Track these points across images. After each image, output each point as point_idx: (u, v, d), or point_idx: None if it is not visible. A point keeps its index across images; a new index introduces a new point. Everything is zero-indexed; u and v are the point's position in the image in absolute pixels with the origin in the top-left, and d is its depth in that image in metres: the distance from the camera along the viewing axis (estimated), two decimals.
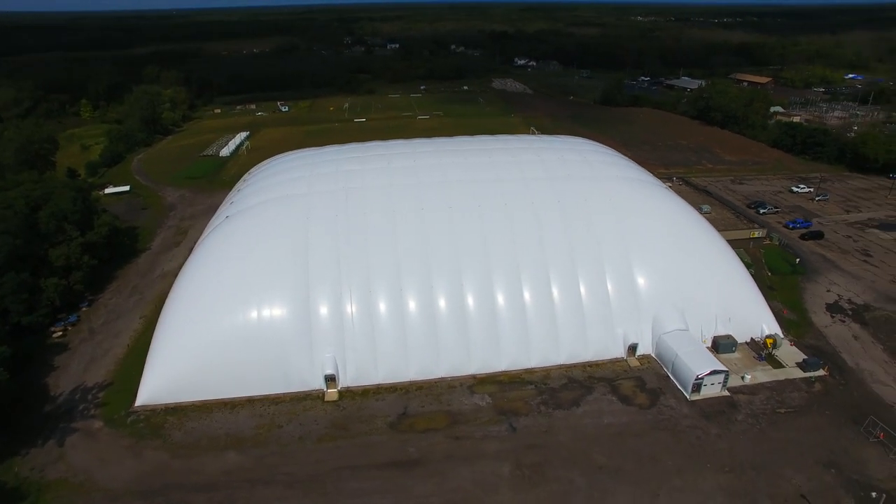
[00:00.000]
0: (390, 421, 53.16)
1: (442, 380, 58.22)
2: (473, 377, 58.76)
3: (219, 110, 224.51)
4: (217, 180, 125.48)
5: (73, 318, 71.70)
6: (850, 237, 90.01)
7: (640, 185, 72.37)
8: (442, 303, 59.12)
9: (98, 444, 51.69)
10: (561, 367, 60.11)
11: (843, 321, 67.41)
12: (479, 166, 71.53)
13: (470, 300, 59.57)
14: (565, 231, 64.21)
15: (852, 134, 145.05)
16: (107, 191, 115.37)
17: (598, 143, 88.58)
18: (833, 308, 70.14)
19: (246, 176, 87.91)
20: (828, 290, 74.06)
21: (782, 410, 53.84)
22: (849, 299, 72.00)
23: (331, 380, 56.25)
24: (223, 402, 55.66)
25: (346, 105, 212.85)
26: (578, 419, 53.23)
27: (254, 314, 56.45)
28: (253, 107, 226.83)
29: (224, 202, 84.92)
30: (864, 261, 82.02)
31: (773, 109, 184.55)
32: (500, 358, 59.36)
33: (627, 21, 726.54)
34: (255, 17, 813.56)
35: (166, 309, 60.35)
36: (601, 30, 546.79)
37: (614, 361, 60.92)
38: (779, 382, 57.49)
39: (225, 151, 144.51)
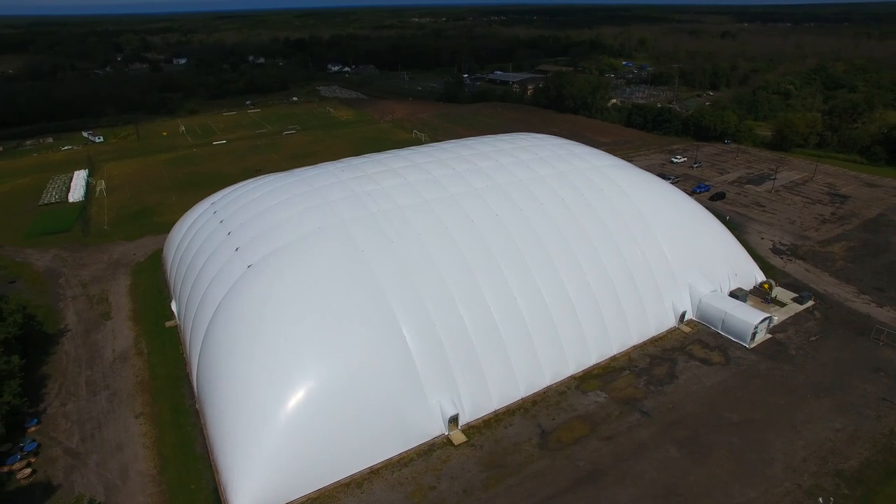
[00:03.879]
0: (537, 443, 50.69)
1: (549, 388, 57.15)
2: (573, 377, 58.86)
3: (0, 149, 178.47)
4: (95, 231, 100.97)
5: (31, 446, 52.52)
6: (739, 194, 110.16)
7: (629, 168, 79.17)
8: (527, 311, 57.71)
9: None
10: (635, 347, 63.51)
11: (791, 260, 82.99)
12: (494, 171, 70.66)
13: (549, 302, 59.24)
14: (598, 219, 67.54)
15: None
16: None
17: (558, 137, 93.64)
18: (776, 251, 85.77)
19: (196, 217, 73.13)
20: (762, 238, 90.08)
21: (813, 338, 64.86)
22: (780, 242, 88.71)
23: (452, 421, 51.23)
24: (342, 484, 46.83)
25: (182, 128, 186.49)
26: (686, 388, 57.21)
27: (350, 376, 48.23)
28: (50, 140, 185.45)
29: (175, 254, 70.66)
30: (763, 211, 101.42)
31: None
32: (589, 353, 60.40)
33: (408, 22, 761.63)
34: None
35: (221, 397, 48.24)
36: (394, 31, 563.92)
37: (671, 331, 66.42)
38: (792, 317, 68.82)
39: (76, 196, 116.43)
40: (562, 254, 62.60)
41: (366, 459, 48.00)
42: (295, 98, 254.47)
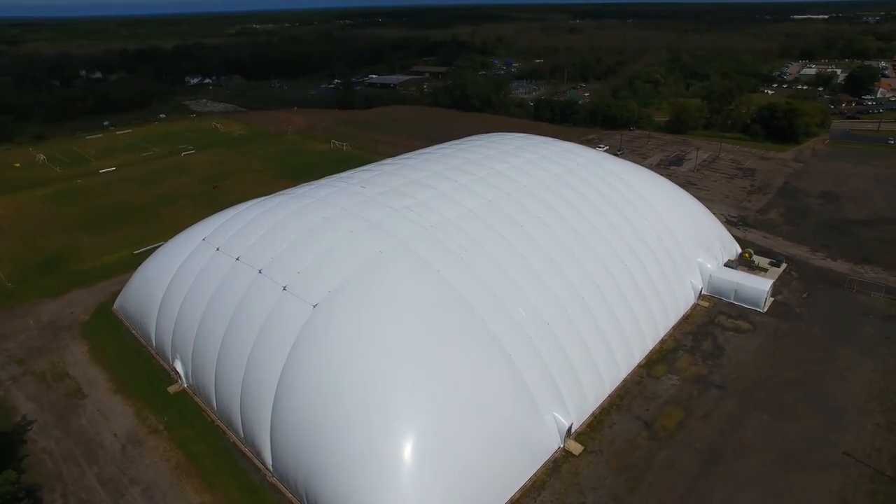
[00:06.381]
0: (647, 436, 51.21)
1: (626, 381, 57.97)
2: (639, 366, 60.38)
3: None
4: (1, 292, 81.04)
5: None
6: (669, 175, 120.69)
7: (617, 160, 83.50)
8: (594, 307, 58.00)
9: None
10: (674, 328, 66.92)
11: (747, 230, 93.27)
12: (513, 173, 69.76)
13: (607, 295, 60.11)
14: (618, 209, 70.18)
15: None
16: None
17: (536, 135, 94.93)
18: (731, 223, 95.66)
19: (184, 259, 61.86)
20: (713, 213, 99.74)
21: (804, 295, 73.60)
22: (729, 215, 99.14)
23: (567, 432, 49.80)
24: None
25: (42, 157, 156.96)
26: (737, 357, 61.55)
27: (476, 406, 44.68)
28: None
29: (162, 305, 60.59)
30: (698, 189, 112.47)
31: None
32: (645, 339, 62.38)
33: (250, 29, 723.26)
34: None
35: (330, 459, 41.85)
36: (243, 39, 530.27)
37: (694, 308, 71.02)
38: (778, 280, 77.25)
39: None
40: (602, 246, 63.89)
41: (504, 491, 44.76)
42: (163, 115, 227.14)
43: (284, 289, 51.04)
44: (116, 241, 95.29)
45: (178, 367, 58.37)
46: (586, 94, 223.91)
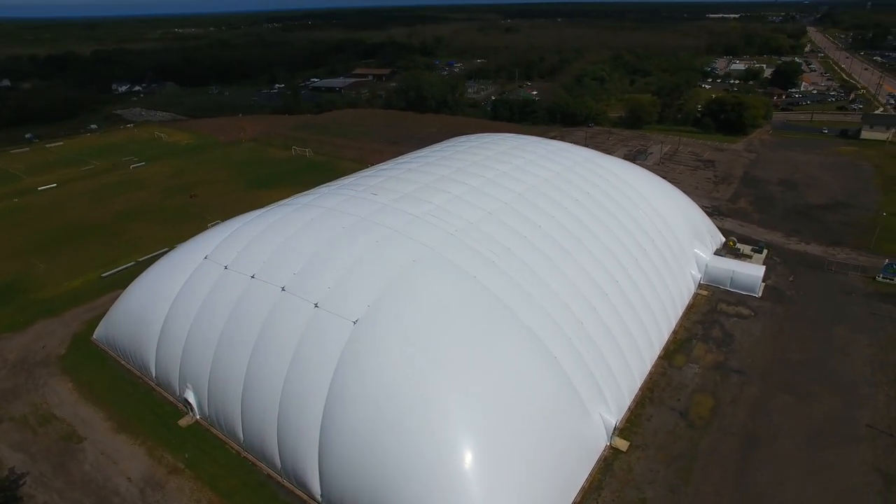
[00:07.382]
0: (685, 425, 52.34)
1: (651, 373, 59.07)
2: (660, 358, 61.69)
3: None
4: None
5: None
6: None
7: (607, 157, 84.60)
8: (616, 302, 58.76)
9: None
10: (683, 317, 68.91)
11: (722, 219, 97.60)
12: (518, 174, 69.60)
13: (626, 290, 61.08)
14: (620, 206, 71.43)
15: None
16: None
17: (522, 135, 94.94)
18: (707, 213, 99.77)
19: (186, 279, 57.15)
20: None
21: (791, 279, 77.83)
22: (703, 205, 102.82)
23: (613, 430, 50.04)
24: None
25: None
26: (746, 342, 64.02)
27: (540, 413, 44.36)
28: None
29: (163, 332, 54.78)
30: (669, 181, 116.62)
31: None
32: (662, 331, 63.83)
33: (172, 33, 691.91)
34: None
35: (393, 486, 39.99)
36: (166, 44, 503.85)
37: (696, 296, 73.48)
38: (764, 265, 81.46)
39: None
40: (613, 241, 64.88)
41: (567, 493, 44.35)
42: (94, 126, 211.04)
43: (316, 306, 48.19)
44: (80, 264, 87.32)
45: (190, 397, 54.00)
46: (534, 93, 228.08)
